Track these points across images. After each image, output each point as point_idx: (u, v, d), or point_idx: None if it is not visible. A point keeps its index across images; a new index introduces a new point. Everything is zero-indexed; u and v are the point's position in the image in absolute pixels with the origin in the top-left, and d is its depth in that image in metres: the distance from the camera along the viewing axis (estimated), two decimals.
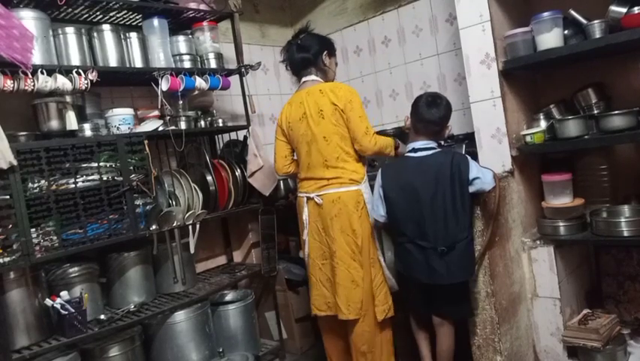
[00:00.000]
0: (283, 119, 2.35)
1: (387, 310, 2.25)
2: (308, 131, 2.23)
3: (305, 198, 2.30)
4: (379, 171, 2.20)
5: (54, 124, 2.13)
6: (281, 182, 3.06)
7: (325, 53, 2.33)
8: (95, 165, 2.13)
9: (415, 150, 2.12)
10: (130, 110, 2.41)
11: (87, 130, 2.25)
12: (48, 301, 2.02)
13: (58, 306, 1.99)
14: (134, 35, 2.49)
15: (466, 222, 2.00)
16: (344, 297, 2.19)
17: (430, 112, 2.10)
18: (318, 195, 2.24)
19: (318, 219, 2.26)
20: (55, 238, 2.01)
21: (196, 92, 2.69)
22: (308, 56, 2.30)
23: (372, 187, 2.24)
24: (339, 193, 2.20)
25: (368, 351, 2.22)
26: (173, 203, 2.47)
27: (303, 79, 2.34)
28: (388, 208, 2.11)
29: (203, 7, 2.73)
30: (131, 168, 2.25)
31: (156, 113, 2.59)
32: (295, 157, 2.43)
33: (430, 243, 2.00)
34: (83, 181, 2.09)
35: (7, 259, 1.87)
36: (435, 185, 2.00)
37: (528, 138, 2.23)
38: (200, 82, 2.59)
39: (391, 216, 2.12)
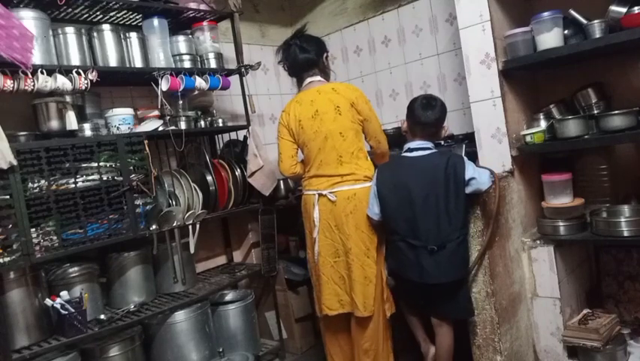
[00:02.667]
0: (291, 119, 2.31)
1: (390, 307, 2.27)
2: (322, 128, 2.22)
3: (316, 196, 2.26)
4: (376, 170, 2.22)
5: (54, 124, 2.13)
6: (281, 182, 3.06)
7: (325, 54, 2.37)
8: (95, 165, 2.13)
9: (410, 150, 2.14)
10: (130, 110, 2.41)
11: (87, 130, 2.26)
12: (48, 301, 2.02)
13: (58, 306, 1.99)
14: (134, 35, 2.49)
15: (459, 223, 2.00)
16: (360, 294, 2.18)
17: (426, 114, 2.13)
18: (331, 192, 2.22)
19: (330, 217, 2.23)
20: (55, 237, 2.00)
21: (196, 92, 2.69)
22: (311, 57, 2.31)
23: None
24: (355, 190, 2.20)
25: (370, 348, 2.23)
26: (173, 203, 2.47)
27: (309, 79, 2.33)
28: (382, 206, 2.13)
29: (203, 7, 2.73)
30: (131, 168, 2.25)
31: (156, 113, 2.58)
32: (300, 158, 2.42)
33: (421, 241, 2.01)
34: (83, 181, 2.09)
35: (7, 259, 1.87)
36: (429, 185, 2.01)
37: (528, 138, 2.23)
38: (200, 82, 2.59)
39: (384, 214, 2.13)
